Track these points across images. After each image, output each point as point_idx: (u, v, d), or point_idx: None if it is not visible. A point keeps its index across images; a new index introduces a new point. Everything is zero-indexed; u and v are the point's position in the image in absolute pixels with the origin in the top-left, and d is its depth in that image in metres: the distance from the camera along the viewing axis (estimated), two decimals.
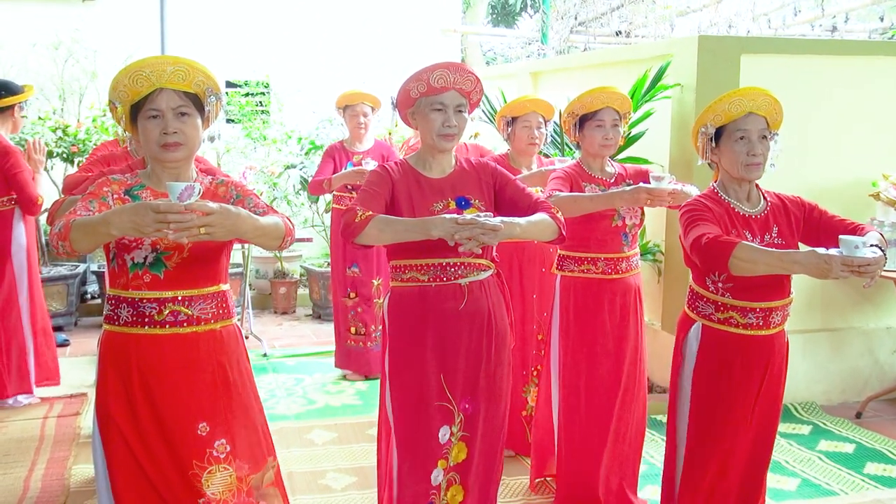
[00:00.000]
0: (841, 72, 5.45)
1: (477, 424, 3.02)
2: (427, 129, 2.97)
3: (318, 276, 7.71)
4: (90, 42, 8.00)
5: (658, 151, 5.34)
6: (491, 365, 3.02)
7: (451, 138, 2.96)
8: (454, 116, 2.94)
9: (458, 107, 2.95)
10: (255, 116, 8.30)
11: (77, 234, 2.34)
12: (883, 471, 4.44)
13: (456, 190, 3.01)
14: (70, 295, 7.20)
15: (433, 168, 3.03)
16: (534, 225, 2.89)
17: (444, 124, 2.93)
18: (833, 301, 5.54)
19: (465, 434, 3.01)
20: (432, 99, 2.93)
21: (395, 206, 2.95)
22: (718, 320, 3.00)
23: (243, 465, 2.68)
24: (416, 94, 2.96)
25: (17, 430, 4.87)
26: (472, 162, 3.12)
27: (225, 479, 2.63)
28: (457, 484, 3.03)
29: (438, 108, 2.93)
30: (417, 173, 3.02)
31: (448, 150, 3.02)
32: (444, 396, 2.97)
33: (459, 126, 2.96)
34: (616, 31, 10.54)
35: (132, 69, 2.50)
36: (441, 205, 2.97)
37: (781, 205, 3.06)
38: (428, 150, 3.03)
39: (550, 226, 2.94)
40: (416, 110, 3.00)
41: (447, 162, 3.05)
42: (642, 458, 3.90)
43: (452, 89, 2.93)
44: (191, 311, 2.58)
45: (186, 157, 2.58)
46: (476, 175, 3.07)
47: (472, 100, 3.01)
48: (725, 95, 2.96)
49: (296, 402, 5.44)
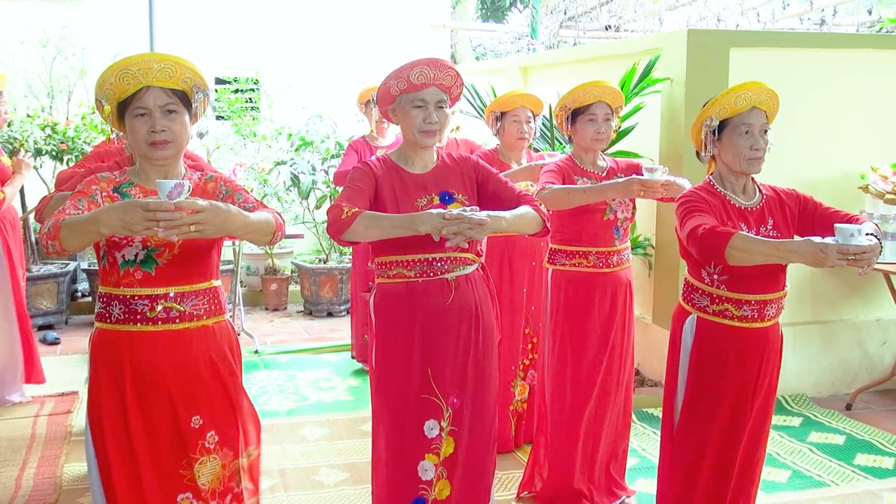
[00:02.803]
0: (830, 65, 5.47)
1: (464, 419, 3.02)
2: (408, 126, 2.97)
3: (310, 272, 7.71)
4: (79, 39, 7.96)
5: (648, 145, 5.35)
6: (479, 359, 3.03)
7: (433, 134, 2.96)
8: (435, 112, 2.94)
9: (439, 103, 2.95)
10: (245, 113, 8.29)
11: (66, 234, 2.33)
12: (873, 462, 4.46)
13: (439, 185, 3.01)
14: (60, 293, 7.18)
15: (415, 163, 3.04)
16: (518, 218, 2.90)
17: (425, 121, 2.93)
18: (823, 294, 5.57)
19: (453, 428, 3.02)
20: (413, 96, 2.94)
21: (378, 202, 2.95)
22: (713, 312, 3.01)
23: (228, 453, 2.71)
24: (396, 91, 2.96)
25: (7, 429, 4.85)
26: (454, 156, 3.13)
27: (214, 468, 2.67)
28: (444, 478, 3.04)
29: (419, 104, 2.93)
30: (400, 169, 3.02)
31: (430, 146, 3.02)
32: (430, 390, 2.98)
33: (441, 122, 2.96)
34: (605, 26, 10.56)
35: (119, 67, 2.49)
36: (425, 200, 2.97)
37: (776, 197, 3.07)
38: (409, 146, 3.03)
39: (535, 219, 2.95)
40: (396, 107, 3.00)
41: (429, 157, 3.06)
42: (634, 450, 3.93)
43: (433, 85, 2.94)
44: (183, 307, 2.58)
45: (175, 154, 2.58)
46: (458, 169, 3.07)
47: (453, 94, 3.02)
48: (732, 89, 2.97)
49: (288, 399, 5.43)
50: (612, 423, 3.84)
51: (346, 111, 8.02)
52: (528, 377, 4.53)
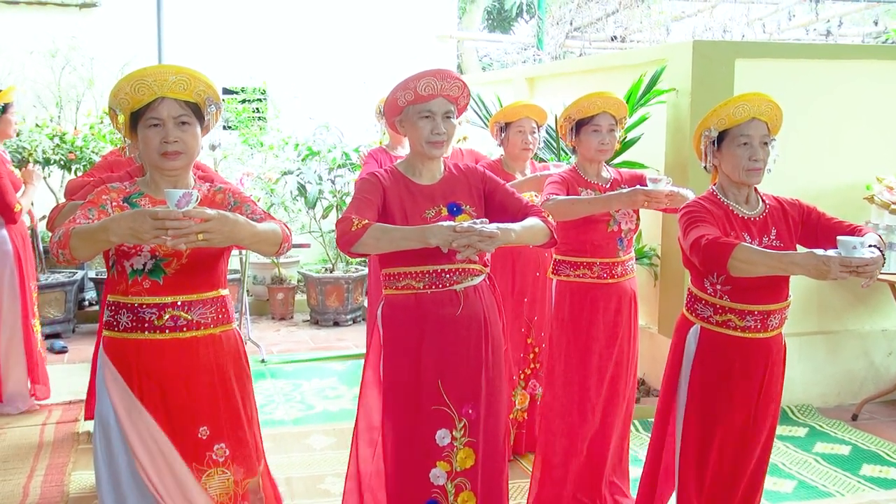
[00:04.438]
0: (835, 76, 5.47)
1: (480, 429, 3.01)
2: (416, 137, 2.97)
3: (316, 281, 7.73)
4: (87, 49, 8.02)
5: (653, 156, 5.36)
6: (490, 369, 3.03)
7: (441, 145, 2.96)
8: (443, 123, 2.94)
9: (447, 113, 2.95)
10: (252, 123, 8.33)
11: (76, 242, 2.36)
12: (879, 472, 4.46)
13: (447, 196, 3.01)
14: (68, 302, 7.21)
15: (423, 175, 3.04)
16: (527, 230, 2.90)
17: (432, 132, 2.93)
18: (829, 304, 5.56)
19: (470, 440, 3.00)
20: (420, 107, 2.94)
21: (386, 214, 2.95)
22: (717, 323, 3.02)
23: (240, 470, 2.71)
24: (403, 103, 2.96)
25: (15, 437, 4.88)
26: (462, 167, 3.13)
27: (223, 482, 2.67)
28: (467, 490, 3.01)
29: (426, 115, 2.93)
30: (408, 180, 3.02)
31: (437, 158, 3.02)
32: (441, 401, 2.97)
33: (448, 132, 2.96)
34: (611, 37, 10.58)
35: (134, 77, 2.52)
36: (433, 211, 2.97)
37: (780, 207, 3.07)
38: (417, 157, 3.03)
39: (543, 230, 2.96)
40: (403, 118, 3.00)
41: (437, 168, 3.06)
42: (640, 460, 3.92)
43: (440, 96, 2.94)
44: (190, 315, 2.60)
45: (186, 165, 2.61)
46: (466, 180, 3.07)
47: (460, 105, 3.02)
48: (731, 100, 2.98)
49: (294, 408, 5.45)
50: (617, 434, 3.84)
51: (352, 121, 8.07)
52: (528, 386, 4.54)
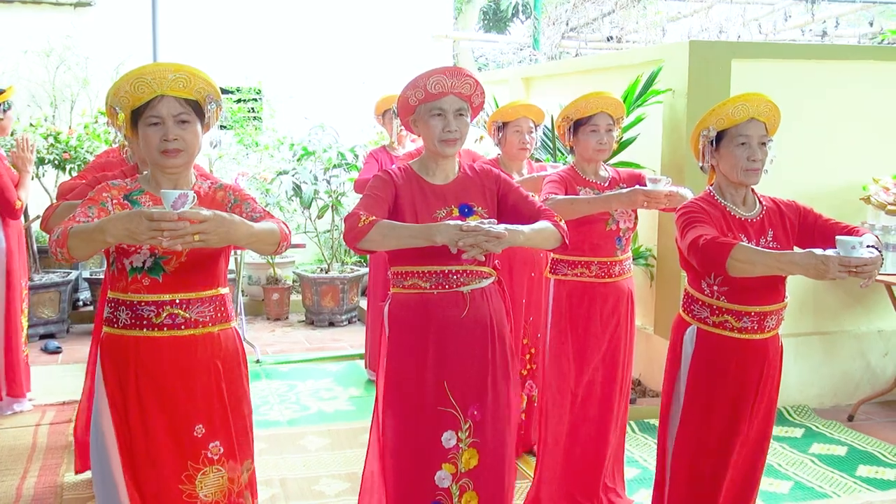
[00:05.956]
0: (831, 76, 5.48)
1: (487, 431, 2.99)
2: (428, 136, 2.95)
3: (311, 282, 7.71)
4: (82, 49, 7.98)
5: (650, 156, 5.36)
6: (497, 372, 3.00)
7: (453, 143, 2.94)
8: (454, 121, 2.92)
9: (459, 111, 2.93)
10: (248, 123, 8.31)
11: (74, 242, 2.36)
12: (875, 473, 4.46)
13: (459, 197, 2.99)
14: (62, 302, 7.19)
15: (436, 174, 3.02)
16: (537, 233, 2.88)
17: (444, 129, 2.91)
18: (825, 304, 5.57)
19: (475, 441, 2.98)
20: (431, 105, 2.92)
21: (397, 212, 2.93)
22: (713, 324, 3.01)
23: (235, 467, 2.71)
24: (414, 102, 2.95)
25: (8, 438, 4.85)
26: (476, 168, 3.10)
27: (217, 480, 2.67)
28: (470, 490, 2.99)
29: (438, 113, 2.91)
30: (421, 179, 3.00)
31: (451, 156, 3.00)
32: (447, 402, 2.95)
33: (461, 130, 2.94)
34: (607, 37, 10.58)
35: (134, 76, 2.52)
36: (444, 211, 2.95)
37: (777, 209, 3.07)
38: (431, 156, 3.01)
39: (554, 234, 2.93)
40: (416, 117, 2.98)
41: (450, 168, 3.04)
42: (636, 461, 3.92)
43: (451, 94, 2.92)
44: (188, 314, 2.60)
45: (186, 162, 2.61)
46: (479, 182, 3.05)
47: (474, 103, 2.99)
48: (730, 99, 2.98)
49: (289, 409, 5.44)
50: (614, 435, 3.83)
51: (348, 121, 8.06)
52: (525, 387, 4.53)
